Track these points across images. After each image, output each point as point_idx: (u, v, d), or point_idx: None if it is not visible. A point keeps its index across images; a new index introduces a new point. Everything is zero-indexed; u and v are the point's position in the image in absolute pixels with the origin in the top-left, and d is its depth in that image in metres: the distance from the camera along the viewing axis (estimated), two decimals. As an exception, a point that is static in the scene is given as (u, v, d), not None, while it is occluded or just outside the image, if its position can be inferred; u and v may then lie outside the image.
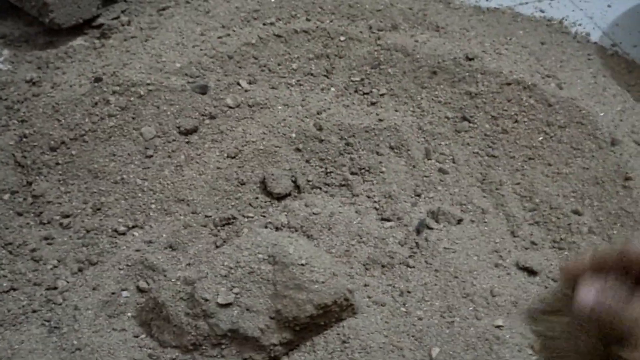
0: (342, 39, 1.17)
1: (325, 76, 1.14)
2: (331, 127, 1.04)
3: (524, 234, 0.96)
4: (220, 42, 1.15)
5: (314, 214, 0.95)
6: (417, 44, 1.16)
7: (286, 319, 0.77)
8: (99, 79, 1.06)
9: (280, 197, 0.99)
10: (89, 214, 0.96)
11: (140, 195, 0.97)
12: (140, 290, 0.88)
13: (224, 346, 0.78)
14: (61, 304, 0.86)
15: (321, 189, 1.01)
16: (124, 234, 0.94)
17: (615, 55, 1.33)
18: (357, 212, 0.97)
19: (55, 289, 0.87)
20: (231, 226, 0.95)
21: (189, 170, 1.00)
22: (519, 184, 1.02)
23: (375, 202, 0.99)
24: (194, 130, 1.03)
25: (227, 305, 0.76)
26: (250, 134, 1.03)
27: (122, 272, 0.90)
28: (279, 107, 1.08)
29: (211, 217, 0.96)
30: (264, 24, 1.19)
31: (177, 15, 1.25)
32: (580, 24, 1.40)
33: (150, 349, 0.80)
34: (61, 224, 0.95)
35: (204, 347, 0.78)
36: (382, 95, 1.12)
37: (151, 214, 0.96)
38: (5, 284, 0.87)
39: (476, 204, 0.99)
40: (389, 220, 0.96)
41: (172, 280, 0.81)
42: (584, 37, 1.36)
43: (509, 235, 0.96)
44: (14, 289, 0.87)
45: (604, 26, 1.41)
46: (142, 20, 1.26)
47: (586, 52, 1.31)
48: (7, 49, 1.24)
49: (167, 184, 0.99)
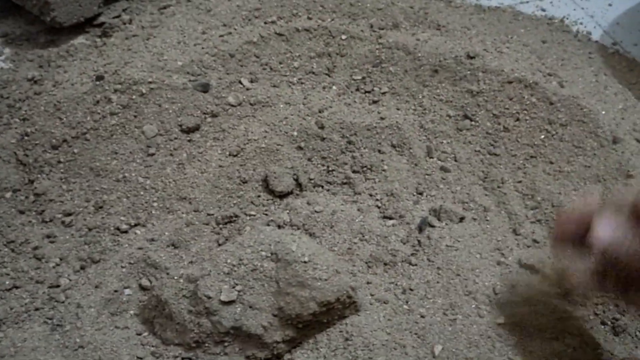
0: (343, 37, 1.17)
1: (326, 74, 1.14)
2: (333, 125, 1.04)
3: (525, 232, 0.96)
4: (221, 40, 1.15)
5: (316, 212, 0.95)
6: (419, 43, 1.16)
7: (289, 316, 0.77)
8: (100, 78, 1.06)
9: (282, 195, 0.99)
10: (91, 212, 0.96)
11: (142, 193, 0.97)
12: (142, 288, 0.88)
13: (226, 343, 0.78)
14: (64, 302, 0.86)
15: (323, 187, 1.01)
16: (126, 232, 0.94)
17: (616, 53, 1.33)
18: (359, 210, 0.97)
19: (57, 287, 0.87)
20: (233, 224, 0.95)
21: (191, 168, 1.00)
22: (520, 182, 1.02)
23: (377, 200, 0.99)
24: (196, 128, 1.03)
25: (230, 302, 0.76)
26: (252, 132, 1.03)
27: (124, 270, 0.90)
28: (281, 106, 1.08)
29: (213, 215, 0.96)
30: (265, 23, 1.19)
31: (179, 13, 1.25)
32: (581, 23, 1.40)
33: (153, 346, 0.80)
34: (63, 222, 0.95)
35: (206, 345, 0.78)
36: (384, 93, 1.12)
37: (153, 212, 0.96)
38: (7, 282, 0.87)
39: (478, 202, 1.00)
40: (391, 218, 0.97)
41: (175, 278, 0.81)
42: (585, 35, 1.37)
43: (511, 233, 0.96)
44: (16, 287, 0.87)
45: (605, 25, 1.41)
46: (144, 18, 1.26)
47: (587, 50, 1.31)
48: (9, 48, 1.24)
49: (169, 182, 0.99)
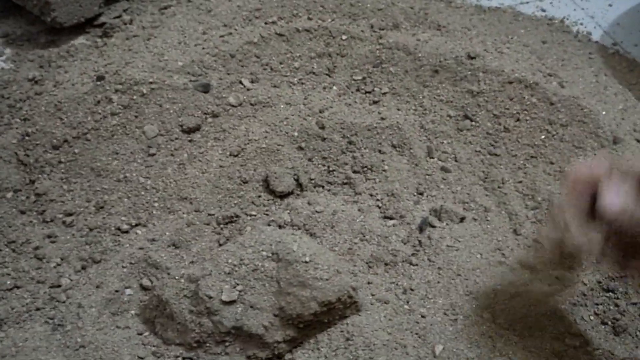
0: (343, 37, 1.17)
1: (327, 75, 1.14)
2: (333, 125, 1.04)
3: (526, 232, 0.96)
4: (222, 40, 1.15)
5: (317, 212, 0.95)
6: (419, 43, 1.16)
7: (290, 316, 0.77)
8: (101, 78, 1.06)
9: (282, 196, 0.99)
10: (92, 212, 0.96)
11: (143, 193, 0.97)
12: (143, 288, 0.88)
13: (227, 343, 0.78)
14: (65, 302, 0.86)
15: (324, 187, 1.01)
16: (127, 232, 0.94)
17: (616, 54, 1.33)
18: (359, 210, 0.97)
19: (58, 286, 0.88)
20: (234, 224, 0.95)
21: (192, 168, 1.00)
22: (521, 182, 1.02)
23: (377, 200, 0.99)
24: (197, 128, 1.04)
25: (231, 302, 0.76)
26: (252, 133, 1.03)
27: (125, 270, 0.90)
28: (281, 106, 1.08)
29: (214, 215, 0.96)
30: (266, 23, 1.20)
31: (179, 14, 1.25)
32: (581, 23, 1.40)
33: (154, 346, 0.80)
34: (64, 222, 0.95)
35: (207, 345, 0.78)
36: (384, 94, 1.12)
37: (154, 212, 0.96)
38: (8, 282, 0.87)
39: (478, 202, 1.00)
40: (391, 218, 0.97)
41: (176, 277, 0.81)
42: (585, 36, 1.37)
43: (511, 233, 0.96)
44: (18, 287, 0.87)
45: (605, 25, 1.41)
46: (144, 19, 1.26)
47: (587, 51, 1.31)
48: (9, 48, 1.24)
49: (170, 182, 0.99)
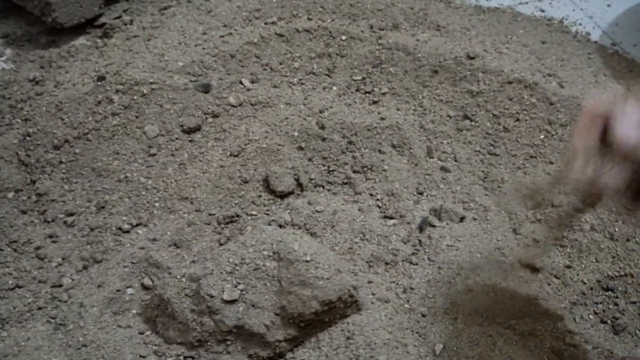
0: (343, 38, 1.17)
1: (327, 75, 1.15)
2: (333, 125, 1.05)
3: (526, 231, 0.96)
4: (222, 41, 1.15)
5: (317, 211, 0.95)
6: (418, 43, 1.17)
7: (291, 315, 0.77)
8: (102, 78, 1.07)
9: (283, 195, 0.99)
10: (93, 212, 0.96)
11: (144, 193, 0.98)
12: (145, 287, 0.88)
13: (229, 342, 0.78)
14: (66, 302, 0.86)
15: (324, 187, 1.01)
16: (128, 231, 0.95)
17: (615, 54, 1.33)
18: (360, 210, 0.98)
19: (60, 286, 0.88)
20: (235, 224, 0.96)
21: (192, 168, 1.01)
22: (520, 181, 1.02)
23: (377, 200, 0.99)
24: (197, 128, 1.04)
25: (232, 301, 0.77)
26: (253, 133, 1.04)
27: (126, 269, 0.90)
28: (281, 106, 1.08)
29: (215, 215, 0.96)
30: (266, 23, 1.20)
31: (179, 14, 1.25)
32: (580, 24, 1.41)
33: (155, 345, 0.81)
34: (65, 222, 0.95)
35: (209, 344, 0.78)
36: (384, 94, 1.12)
37: (155, 212, 0.97)
38: (10, 282, 0.87)
39: (478, 201, 1.00)
40: (391, 218, 0.97)
41: (177, 277, 0.81)
42: (584, 36, 1.37)
43: (511, 232, 0.97)
44: (19, 287, 0.87)
45: (604, 25, 1.42)
46: (144, 19, 1.26)
47: (586, 51, 1.31)
48: (10, 48, 1.24)
49: (171, 182, 0.99)
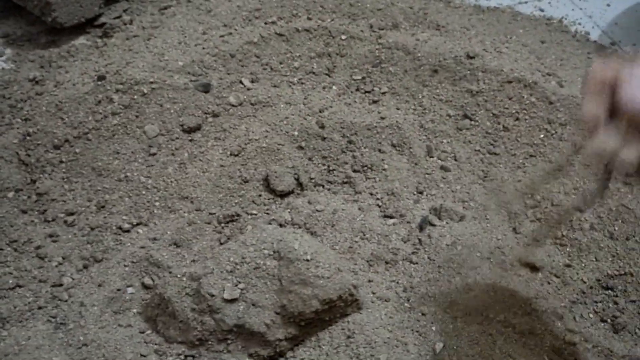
0: (343, 37, 1.17)
1: (326, 75, 1.15)
2: (333, 125, 1.05)
3: (525, 230, 0.97)
4: (222, 40, 1.15)
5: (317, 211, 0.95)
6: (418, 43, 1.17)
7: (291, 314, 0.77)
8: (102, 78, 1.07)
9: (283, 195, 0.99)
10: (93, 211, 0.96)
11: (144, 192, 0.98)
12: (145, 286, 0.88)
13: (229, 341, 0.78)
14: (67, 301, 0.86)
15: (324, 186, 1.02)
16: (128, 231, 0.95)
17: (614, 53, 1.33)
18: (360, 209, 0.98)
19: (60, 285, 0.88)
20: (235, 223, 0.96)
21: (193, 168, 1.01)
22: (520, 181, 1.02)
23: (377, 199, 0.99)
24: (197, 128, 1.04)
25: (232, 300, 0.77)
26: (253, 132, 1.04)
27: (127, 268, 0.90)
28: (281, 106, 1.08)
29: (215, 214, 0.96)
30: (266, 23, 1.20)
31: (179, 14, 1.25)
32: (579, 23, 1.41)
33: (156, 344, 0.81)
34: (65, 222, 0.95)
35: (209, 343, 0.78)
36: (384, 93, 1.12)
37: (155, 212, 0.97)
38: (10, 281, 0.87)
39: (478, 201, 1.00)
40: (391, 217, 0.97)
41: (178, 276, 0.81)
42: (584, 35, 1.37)
43: (511, 231, 0.97)
44: (20, 286, 0.87)
45: (603, 25, 1.42)
46: (144, 19, 1.26)
47: (586, 50, 1.31)
48: (10, 48, 1.24)
49: (171, 182, 0.99)
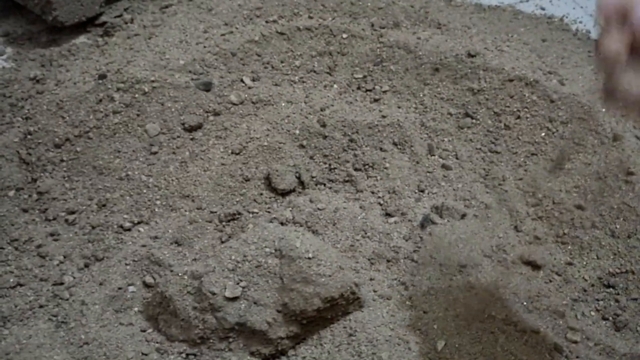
0: (344, 36, 1.17)
1: (328, 73, 1.15)
2: (334, 123, 1.05)
3: (527, 228, 0.96)
4: (223, 39, 1.15)
5: (319, 209, 0.95)
6: (419, 41, 1.17)
7: (293, 312, 0.77)
8: (103, 76, 1.07)
9: (284, 193, 0.99)
10: (94, 210, 0.96)
11: (145, 191, 0.98)
12: (146, 285, 0.88)
13: (231, 339, 0.78)
14: (68, 299, 0.86)
15: (325, 184, 1.02)
16: (129, 229, 0.95)
17: None
18: (361, 207, 0.98)
19: (61, 284, 0.88)
20: (236, 222, 0.96)
21: (194, 166, 1.01)
22: (521, 179, 1.02)
23: (379, 197, 0.99)
24: (199, 126, 1.04)
25: (234, 298, 0.77)
26: (254, 131, 1.04)
27: (128, 267, 0.90)
28: (283, 104, 1.08)
29: (216, 212, 0.96)
30: (267, 22, 1.20)
31: (180, 13, 1.25)
32: (580, 22, 1.41)
33: (157, 343, 0.81)
34: (67, 220, 0.95)
35: (211, 341, 0.78)
36: (385, 92, 1.12)
37: (156, 210, 0.97)
38: (11, 280, 0.87)
39: (479, 199, 1.00)
40: (393, 215, 0.97)
41: (179, 274, 0.81)
42: (585, 34, 1.37)
43: (512, 230, 0.97)
44: (21, 285, 0.87)
45: (604, 24, 1.42)
46: (145, 18, 1.26)
47: (587, 49, 1.31)
48: (11, 47, 1.24)
49: (172, 180, 0.99)
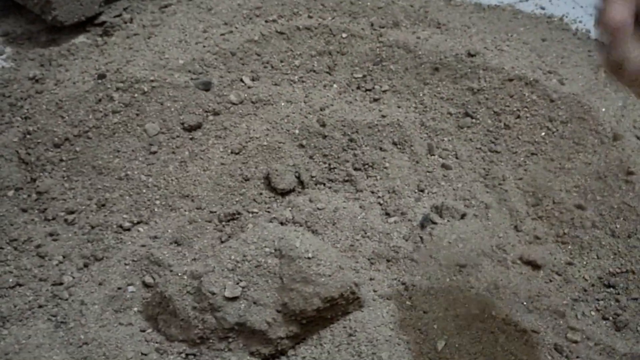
0: (344, 35, 1.17)
1: (327, 73, 1.15)
2: (334, 123, 1.05)
3: (527, 228, 0.96)
4: (223, 39, 1.15)
5: (319, 209, 0.95)
6: (419, 41, 1.16)
7: (293, 312, 0.77)
8: (102, 76, 1.06)
9: (284, 193, 0.99)
10: (94, 210, 0.96)
11: (144, 191, 0.98)
12: (146, 285, 0.88)
13: (231, 339, 0.78)
14: (67, 299, 0.86)
15: (325, 184, 1.01)
16: (128, 229, 0.95)
17: (615, 51, 1.33)
18: (361, 207, 0.97)
19: (61, 284, 0.88)
20: (236, 221, 0.95)
21: (193, 166, 1.01)
22: (521, 179, 1.02)
23: (379, 197, 0.99)
24: (198, 126, 1.04)
25: (234, 298, 0.77)
26: (253, 130, 1.04)
27: (127, 267, 0.90)
28: (282, 104, 1.08)
29: (216, 212, 0.96)
30: (266, 21, 1.20)
31: (180, 12, 1.25)
32: (580, 21, 1.41)
33: (157, 343, 0.80)
34: (66, 220, 0.95)
35: (211, 341, 0.78)
36: (385, 91, 1.12)
37: (156, 210, 0.96)
38: (11, 280, 0.87)
39: (479, 199, 1.00)
40: (392, 215, 0.97)
41: (179, 274, 0.81)
42: (584, 33, 1.37)
43: (512, 229, 0.97)
44: (20, 285, 0.87)
45: (604, 23, 1.41)
46: (145, 17, 1.26)
47: (587, 48, 1.31)
48: (10, 47, 1.24)
49: (172, 180, 0.99)
